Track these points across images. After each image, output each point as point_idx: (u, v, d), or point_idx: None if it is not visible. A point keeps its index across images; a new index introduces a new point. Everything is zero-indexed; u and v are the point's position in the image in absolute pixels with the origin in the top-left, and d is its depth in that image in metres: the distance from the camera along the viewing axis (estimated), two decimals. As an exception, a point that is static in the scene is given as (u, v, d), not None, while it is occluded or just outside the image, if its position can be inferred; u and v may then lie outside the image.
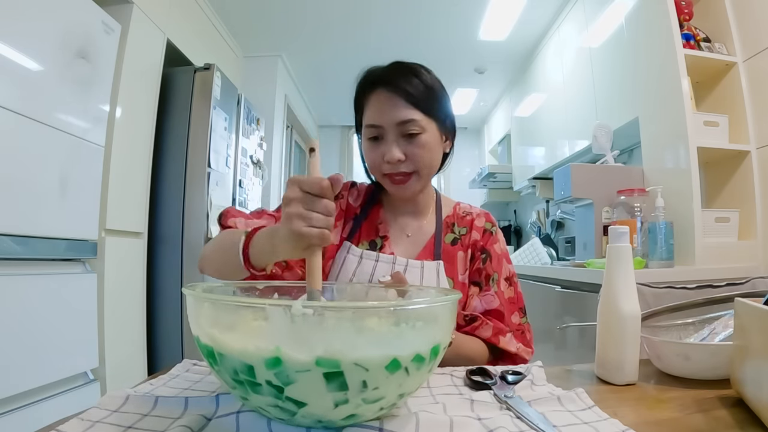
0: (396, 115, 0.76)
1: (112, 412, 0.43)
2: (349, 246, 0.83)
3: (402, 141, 0.77)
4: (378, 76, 0.79)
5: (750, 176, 1.62)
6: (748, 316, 0.47)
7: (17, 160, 1.33)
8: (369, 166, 0.82)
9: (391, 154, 0.76)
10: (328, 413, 0.37)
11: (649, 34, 1.83)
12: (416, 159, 0.77)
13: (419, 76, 0.79)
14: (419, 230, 0.87)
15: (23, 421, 1.28)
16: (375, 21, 3.00)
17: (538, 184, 3.25)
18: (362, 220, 0.87)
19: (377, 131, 0.78)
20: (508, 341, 0.79)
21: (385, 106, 0.77)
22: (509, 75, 3.74)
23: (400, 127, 0.76)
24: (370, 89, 0.79)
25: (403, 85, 0.76)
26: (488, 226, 0.89)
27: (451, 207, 0.92)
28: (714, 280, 1.00)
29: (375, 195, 0.91)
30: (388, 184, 0.81)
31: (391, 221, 0.88)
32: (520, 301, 0.87)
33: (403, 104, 0.76)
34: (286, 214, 0.50)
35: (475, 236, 0.87)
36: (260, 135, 3.03)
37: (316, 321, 0.36)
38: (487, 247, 0.86)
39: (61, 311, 1.49)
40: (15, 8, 1.31)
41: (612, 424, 0.42)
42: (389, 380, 0.37)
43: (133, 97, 1.95)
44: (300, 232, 0.49)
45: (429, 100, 0.78)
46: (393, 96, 0.76)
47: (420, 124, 0.76)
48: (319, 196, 0.50)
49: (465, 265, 0.85)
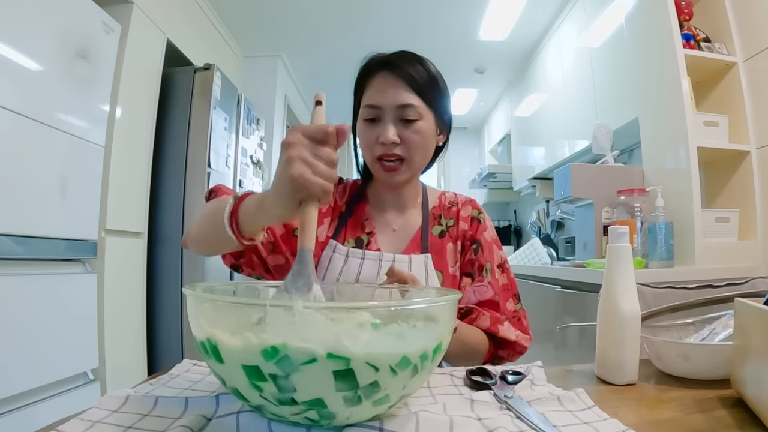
0: (397, 97, 0.76)
1: (112, 412, 0.43)
2: (335, 245, 0.82)
3: (399, 125, 0.77)
4: (383, 60, 0.79)
5: (750, 176, 1.62)
6: (748, 316, 0.47)
7: (17, 160, 1.33)
8: (362, 147, 0.82)
9: (386, 134, 0.76)
10: (331, 410, 0.37)
11: (649, 34, 1.83)
12: (410, 144, 0.77)
13: (424, 64, 0.79)
14: (405, 224, 0.87)
15: (23, 421, 1.28)
16: (375, 21, 3.00)
17: (538, 184, 3.25)
18: (347, 217, 0.86)
19: (375, 112, 0.77)
20: (507, 329, 0.79)
21: (387, 88, 0.77)
22: (509, 75, 3.74)
23: (398, 111, 0.76)
24: (373, 71, 0.79)
25: (407, 70, 0.77)
26: (475, 214, 0.88)
27: (436, 198, 0.91)
28: (714, 280, 1.00)
29: (360, 191, 0.90)
30: (378, 169, 0.80)
31: (377, 216, 0.87)
32: (513, 287, 0.86)
33: (404, 88, 0.76)
34: (285, 157, 0.44)
35: (463, 227, 0.86)
36: (260, 135, 3.03)
37: (315, 319, 0.36)
38: (477, 237, 0.86)
39: (61, 311, 1.49)
40: (15, 8, 1.31)
41: (612, 424, 0.42)
42: (393, 379, 0.37)
43: (133, 97, 1.96)
44: (303, 178, 0.43)
45: (430, 90, 0.78)
46: (396, 79, 0.76)
47: (418, 111, 0.77)
48: (323, 142, 0.45)
49: (455, 257, 0.84)
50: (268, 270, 0.79)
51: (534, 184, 3.30)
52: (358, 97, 0.83)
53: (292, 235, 0.78)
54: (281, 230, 0.78)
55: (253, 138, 2.88)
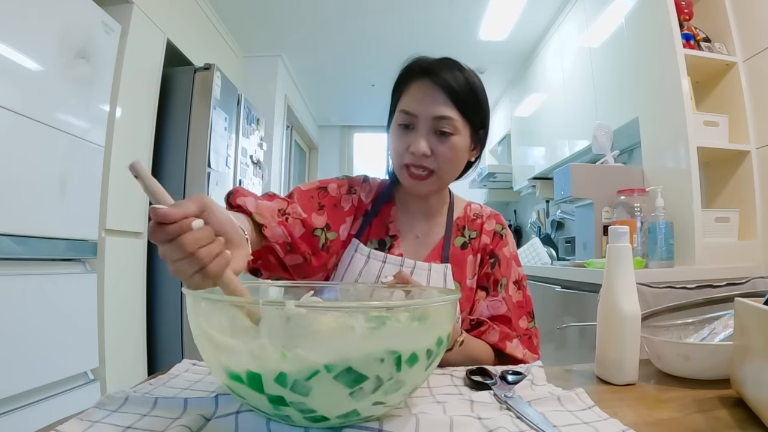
0: (434, 108, 0.74)
1: (112, 412, 0.43)
2: (357, 244, 0.81)
3: (432, 137, 0.75)
4: (425, 66, 0.77)
5: (750, 176, 1.62)
6: (748, 316, 0.47)
7: (17, 160, 1.33)
8: (392, 153, 0.80)
9: (417, 145, 0.74)
10: (328, 410, 0.37)
11: (649, 34, 1.82)
12: (441, 158, 0.75)
13: (466, 75, 0.77)
14: (429, 232, 0.86)
15: (23, 421, 1.28)
16: (374, 21, 2.99)
17: (538, 184, 3.25)
18: (372, 217, 0.85)
19: (410, 119, 0.76)
20: (515, 347, 0.78)
21: (425, 97, 0.75)
22: (509, 75, 3.74)
23: (434, 122, 0.74)
24: (414, 77, 0.77)
25: (447, 80, 0.74)
26: (498, 229, 0.87)
27: (462, 209, 0.89)
28: (714, 280, 1.00)
29: (388, 192, 0.88)
30: (405, 177, 0.78)
31: (403, 221, 0.86)
32: (528, 305, 0.85)
33: (443, 99, 0.74)
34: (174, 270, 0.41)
35: (485, 240, 0.85)
36: (260, 135, 3.03)
37: (311, 320, 0.36)
38: (496, 252, 0.85)
39: (61, 311, 1.49)
40: (15, 8, 1.31)
41: (612, 424, 0.42)
42: (389, 380, 0.37)
43: (133, 97, 1.95)
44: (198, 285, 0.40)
45: (469, 103, 0.76)
46: (435, 89, 0.74)
47: (454, 125, 0.74)
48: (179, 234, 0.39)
49: (474, 269, 0.84)
50: (286, 269, 0.76)
51: (534, 184, 3.30)
52: (395, 98, 0.81)
53: (312, 235, 0.76)
54: (300, 230, 0.75)
55: (253, 138, 2.88)
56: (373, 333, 0.37)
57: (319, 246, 0.77)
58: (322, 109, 4.83)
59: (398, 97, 0.80)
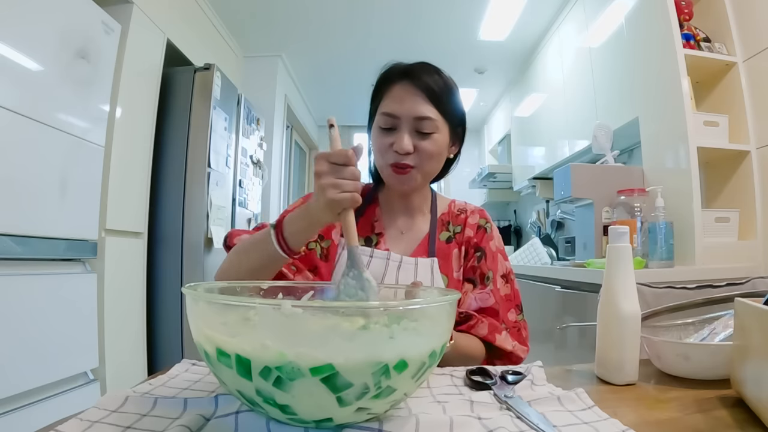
0: (415, 108, 0.77)
1: (111, 412, 0.43)
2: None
3: (414, 135, 0.78)
4: (404, 69, 0.81)
5: (750, 176, 1.62)
6: (748, 316, 0.47)
7: (17, 160, 1.33)
8: (375, 152, 0.83)
9: (401, 143, 0.77)
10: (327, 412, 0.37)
11: (649, 34, 1.82)
12: (424, 153, 0.79)
13: (442, 76, 0.81)
14: (414, 228, 0.88)
15: (23, 421, 1.28)
16: (375, 21, 3.00)
17: (538, 184, 3.25)
18: (358, 218, 0.88)
19: (392, 121, 0.79)
20: (504, 339, 0.80)
21: (406, 98, 0.78)
22: (509, 75, 3.74)
23: (415, 122, 0.78)
24: (394, 80, 0.80)
25: (427, 82, 0.78)
26: (482, 223, 0.89)
27: (446, 205, 0.92)
28: (714, 280, 0.99)
29: (371, 194, 0.92)
30: (389, 174, 0.81)
31: (387, 219, 0.89)
32: (516, 298, 0.87)
33: (423, 100, 0.78)
34: (319, 186, 0.58)
35: (468, 233, 0.88)
36: (260, 135, 3.03)
37: (308, 319, 0.36)
38: (482, 245, 0.87)
39: (61, 311, 1.49)
40: (15, 8, 1.31)
41: (612, 424, 0.42)
42: (388, 381, 0.37)
43: (133, 97, 1.95)
44: (335, 200, 0.56)
45: (448, 102, 0.80)
46: (416, 90, 0.78)
47: (435, 124, 0.78)
48: (345, 164, 0.57)
49: (459, 262, 0.86)
50: None
51: (534, 184, 3.30)
52: (375, 103, 0.84)
53: (307, 249, 0.83)
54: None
55: (253, 138, 2.88)
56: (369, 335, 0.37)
57: (317, 257, 0.82)
58: (322, 109, 4.83)
59: (379, 100, 0.83)
